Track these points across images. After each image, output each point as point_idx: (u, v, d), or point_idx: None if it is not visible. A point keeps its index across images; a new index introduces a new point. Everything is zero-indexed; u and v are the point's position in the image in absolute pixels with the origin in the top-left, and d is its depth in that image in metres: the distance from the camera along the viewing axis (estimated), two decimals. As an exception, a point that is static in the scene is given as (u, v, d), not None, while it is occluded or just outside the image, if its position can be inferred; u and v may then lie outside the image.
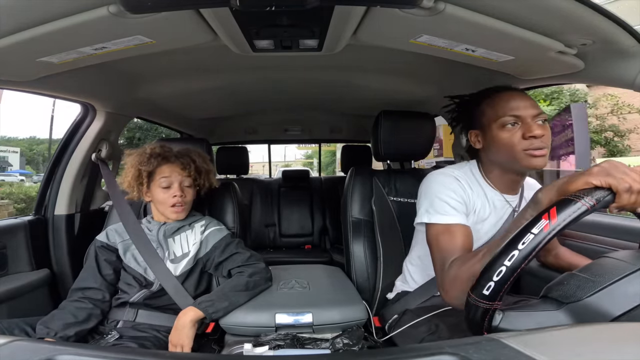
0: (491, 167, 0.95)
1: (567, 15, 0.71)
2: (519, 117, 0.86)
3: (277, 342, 0.88)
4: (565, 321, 0.51)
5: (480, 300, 0.52)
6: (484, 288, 0.52)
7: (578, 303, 0.51)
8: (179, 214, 1.15)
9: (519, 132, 0.85)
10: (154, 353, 0.65)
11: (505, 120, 0.86)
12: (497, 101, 0.90)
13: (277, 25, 0.84)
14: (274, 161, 3.94)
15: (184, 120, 2.19)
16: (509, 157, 0.88)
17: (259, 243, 2.63)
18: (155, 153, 1.14)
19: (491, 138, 0.90)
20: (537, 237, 0.50)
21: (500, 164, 0.93)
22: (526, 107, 0.86)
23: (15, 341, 0.40)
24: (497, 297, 0.51)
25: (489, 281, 0.52)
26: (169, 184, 1.13)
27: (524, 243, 0.51)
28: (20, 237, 1.35)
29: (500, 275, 0.51)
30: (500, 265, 0.51)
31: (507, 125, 0.86)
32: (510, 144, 0.86)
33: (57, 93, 1.24)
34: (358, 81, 1.50)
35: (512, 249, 0.51)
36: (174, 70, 1.32)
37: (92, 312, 1.04)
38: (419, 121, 1.37)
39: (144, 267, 1.12)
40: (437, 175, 0.95)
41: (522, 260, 0.50)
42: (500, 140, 0.87)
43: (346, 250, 1.34)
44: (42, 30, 0.73)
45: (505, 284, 0.51)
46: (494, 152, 0.91)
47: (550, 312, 0.53)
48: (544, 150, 0.84)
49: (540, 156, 0.84)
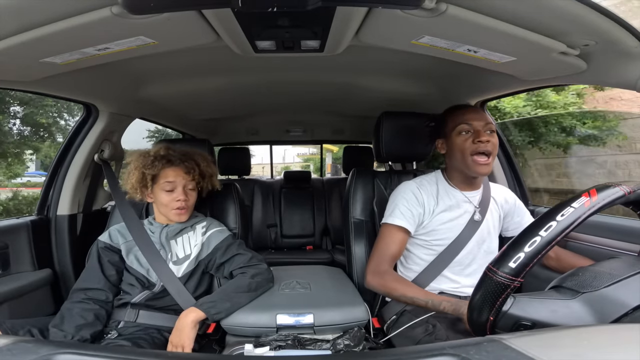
0: (452, 170, 1.16)
1: (570, 16, 0.71)
2: (471, 125, 1.05)
3: (278, 343, 0.88)
4: (580, 310, 0.51)
5: (502, 274, 0.50)
6: (512, 259, 0.49)
7: (594, 292, 0.51)
8: (181, 217, 1.15)
9: (471, 138, 1.05)
10: (155, 353, 0.65)
11: (461, 128, 1.06)
12: (457, 114, 1.10)
13: (279, 26, 0.84)
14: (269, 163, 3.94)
15: (186, 121, 2.20)
16: (461, 161, 1.08)
17: (260, 244, 2.64)
18: (160, 156, 1.14)
19: (451, 143, 1.10)
20: (577, 210, 0.49)
21: (457, 166, 1.12)
22: (478, 119, 1.06)
23: (18, 342, 0.40)
24: (523, 271, 0.49)
25: (519, 252, 0.49)
26: (173, 188, 1.13)
27: (562, 215, 0.49)
28: (22, 237, 1.35)
29: (533, 245, 0.49)
30: (534, 235, 0.49)
31: (462, 133, 1.06)
32: (462, 148, 1.06)
33: (60, 94, 1.25)
34: (359, 82, 1.50)
35: (549, 220, 0.50)
36: (176, 71, 1.32)
37: (98, 312, 1.04)
38: (421, 122, 1.37)
39: (146, 269, 1.12)
40: (401, 186, 1.17)
41: (559, 232, 0.49)
42: (456, 144, 1.08)
43: (348, 251, 1.34)
44: (45, 31, 0.74)
45: (535, 257, 0.49)
46: (452, 155, 1.11)
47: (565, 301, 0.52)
48: (488, 158, 1.04)
49: (483, 164, 1.04)
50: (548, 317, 0.51)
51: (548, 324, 0.51)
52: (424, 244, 1.13)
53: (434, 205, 1.13)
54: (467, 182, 1.15)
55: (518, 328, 0.52)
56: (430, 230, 1.12)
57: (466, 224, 1.11)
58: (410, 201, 1.11)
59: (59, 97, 1.28)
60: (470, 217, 1.12)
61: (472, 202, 1.14)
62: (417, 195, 1.12)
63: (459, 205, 1.14)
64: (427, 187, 1.16)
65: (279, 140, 3.16)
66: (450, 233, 1.11)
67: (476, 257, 1.12)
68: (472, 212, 1.13)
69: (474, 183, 1.16)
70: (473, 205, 1.14)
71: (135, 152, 1.18)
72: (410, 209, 1.11)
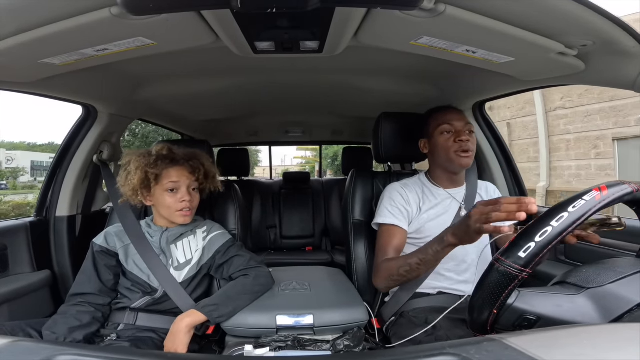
0: (435, 169, 1.22)
1: (568, 17, 0.71)
2: (452, 125, 1.13)
3: (278, 344, 0.88)
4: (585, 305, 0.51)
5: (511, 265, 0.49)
6: (522, 249, 0.49)
7: (599, 288, 0.51)
8: (186, 219, 1.11)
9: (452, 137, 1.11)
10: (155, 354, 0.65)
11: (443, 128, 1.13)
12: (439, 115, 1.17)
13: (278, 27, 0.84)
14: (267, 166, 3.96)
15: (186, 122, 2.20)
16: (445, 158, 1.14)
17: (260, 245, 2.63)
18: (162, 155, 1.10)
19: (434, 143, 1.17)
20: (588, 203, 0.50)
21: (440, 164, 1.18)
22: (458, 120, 1.14)
23: (17, 342, 0.40)
24: (532, 262, 0.49)
25: (529, 242, 0.49)
26: (177, 188, 1.09)
27: (574, 207, 0.50)
28: (21, 238, 1.35)
29: (544, 235, 0.49)
30: (546, 225, 0.49)
31: (444, 133, 1.13)
32: (446, 146, 1.13)
33: (59, 95, 1.25)
34: (359, 83, 1.50)
35: (561, 211, 0.50)
36: (175, 71, 1.32)
37: (95, 315, 1.02)
38: (420, 123, 1.37)
39: (147, 274, 1.09)
40: (387, 188, 1.22)
41: (570, 223, 0.49)
42: (439, 143, 1.14)
43: (347, 251, 1.34)
44: (44, 32, 0.74)
45: (546, 247, 0.49)
46: (436, 154, 1.17)
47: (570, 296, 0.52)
48: (469, 152, 1.11)
49: (465, 157, 1.11)
50: (553, 312, 0.51)
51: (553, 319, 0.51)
52: (414, 243, 1.14)
53: (420, 204, 1.17)
54: (450, 180, 1.20)
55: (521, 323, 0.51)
56: (418, 229, 1.14)
57: (452, 220, 1.14)
58: (396, 199, 1.16)
59: (58, 98, 1.27)
60: (456, 213, 1.15)
61: (457, 198, 1.19)
62: (403, 194, 1.17)
63: (444, 202, 1.18)
64: (412, 187, 1.20)
65: (278, 141, 3.16)
66: (437, 230, 1.10)
67: (469, 252, 1.12)
68: (458, 208, 1.16)
69: (457, 180, 1.21)
70: (458, 202, 1.18)
71: (134, 152, 1.13)
72: (397, 207, 1.15)
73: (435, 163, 1.21)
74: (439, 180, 1.21)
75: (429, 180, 1.23)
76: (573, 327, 0.49)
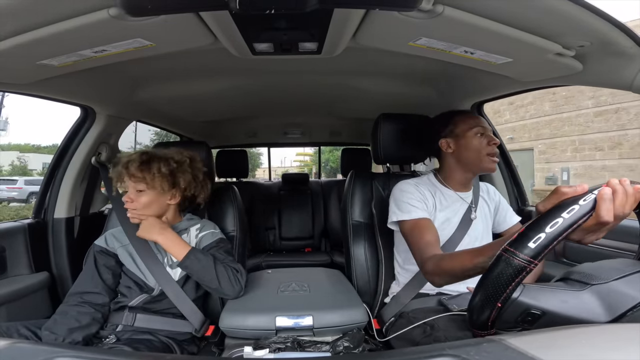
0: (454, 170, 1.19)
1: (565, 17, 0.71)
2: (485, 129, 1.14)
3: (277, 345, 0.88)
4: (590, 301, 0.51)
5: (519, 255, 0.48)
6: (531, 240, 0.48)
7: (604, 285, 0.51)
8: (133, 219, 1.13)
9: (485, 140, 1.13)
10: (154, 356, 0.65)
11: (477, 130, 1.14)
12: (470, 117, 1.18)
13: (277, 28, 0.84)
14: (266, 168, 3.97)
15: (184, 123, 2.19)
16: (475, 158, 1.13)
17: (259, 246, 2.63)
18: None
19: (465, 143, 1.15)
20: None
21: (466, 164, 1.16)
22: (486, 124, 1.17)
23: (15, 344, 0.40)
24: (542, 253, 0.48)
25: (539, 232, 0.48)
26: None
27: (585, 200, 0.50)
28: (19, 240, 1.34)
29: (555, 226, 0.48)
30: (557, 217, 0.49)
31: (478, 135, 1.13)
32: (479, 147, 1.13)
33: (57, 96, 1.24)
34: (357, 84, 1.50)
35: (572, 203, 0.50)
36: (173, 73, 1.32)
37: (94, 316, 1.03)
38: (418, 124, 1.37)
39: (144, 272, 1.11)
40: (400, 184, 1.19)
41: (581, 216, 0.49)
42: (473, 145, 1.14)
43: (347, 253, 1.34)
44: (42, 33, 0.74)
45: (556, 239, 0.48)
46: (463, 155, 1.15)
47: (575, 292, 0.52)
48: (496, 158, 1.14)
49: (494, 162, 1.13)
50: (558, 307, 0.51)
51: (558, 314, 0.50)
52: None
53: (435, 203, 1.16)
54: (463, 183, 1.20)
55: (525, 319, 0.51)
56: None
57: (459, 222, 1.15)
58: (415, 194, 1.13)
59: (56, 100, 1.27)
60: (463, 215, 1.16)
61: (466, 200, 1.19)
62: (420, 191, 1.15)
63: (454, 205, 1.17)
64: (425, 185, 1.19)
65: (277, 142, 3.16)
66: (444, 232, 1.12)
67: None
68: (466, 210, 1.17)
69: (469, 184, 1.21)
70: (467, 204, 1.18)
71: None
72: (418, 200, 1.11)
73: (458, 163, 1.17)
74: (452, 182, 1.19)
75: (439, 181, 1.21)
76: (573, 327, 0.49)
